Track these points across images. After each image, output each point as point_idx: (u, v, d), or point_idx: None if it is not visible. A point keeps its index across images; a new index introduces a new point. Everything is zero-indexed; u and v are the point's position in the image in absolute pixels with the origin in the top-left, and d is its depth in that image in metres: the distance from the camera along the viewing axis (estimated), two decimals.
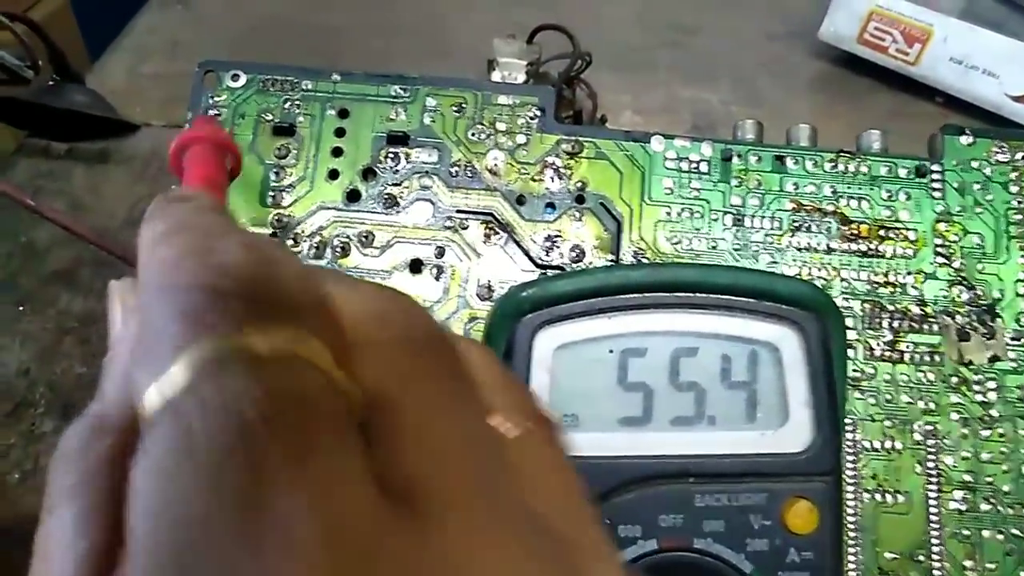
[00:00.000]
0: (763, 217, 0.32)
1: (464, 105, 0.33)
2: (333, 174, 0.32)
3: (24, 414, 0.38)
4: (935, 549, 0.29)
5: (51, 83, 0.47)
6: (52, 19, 0.46)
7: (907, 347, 0.31)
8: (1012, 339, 0.31)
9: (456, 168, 0.32)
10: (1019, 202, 0.32)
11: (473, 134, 0.32)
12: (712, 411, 0.24)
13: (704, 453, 0.23)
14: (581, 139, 0.32)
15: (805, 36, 0.57)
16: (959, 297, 0.31)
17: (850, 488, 0.29)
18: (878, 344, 0.31)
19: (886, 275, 0.31)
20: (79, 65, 0.50)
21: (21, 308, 0.42)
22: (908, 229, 0.32)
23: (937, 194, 0.32)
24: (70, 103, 0.47)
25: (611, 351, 0.24)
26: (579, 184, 0.32)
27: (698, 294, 0.24)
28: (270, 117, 0.32)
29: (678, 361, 0.24)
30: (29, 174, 0.48)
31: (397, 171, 0.32)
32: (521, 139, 0.32)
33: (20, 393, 0.39)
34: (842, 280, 0.31)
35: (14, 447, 0.38)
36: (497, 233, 0.31)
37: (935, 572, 0.29)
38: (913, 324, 0.31)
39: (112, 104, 0.49)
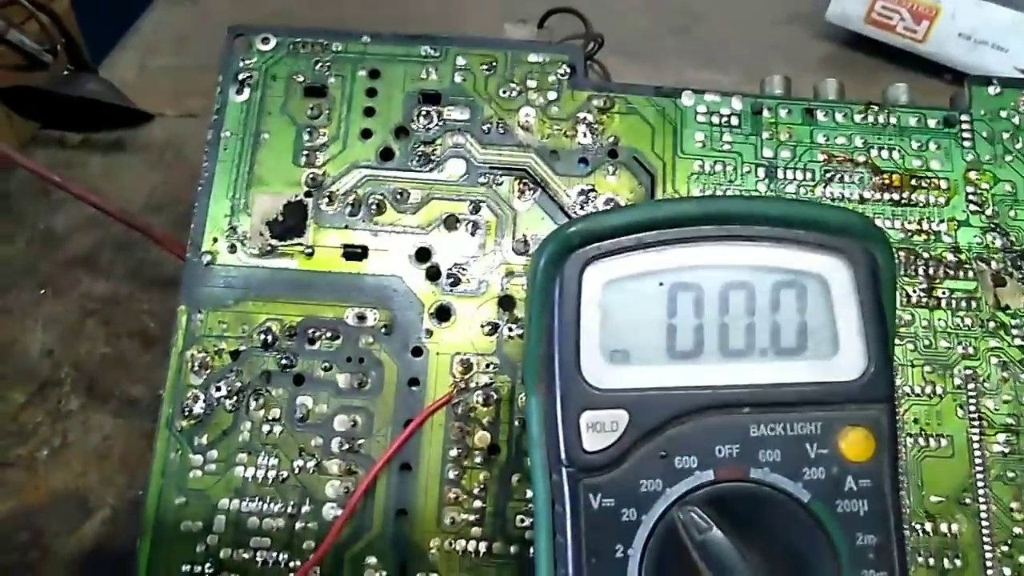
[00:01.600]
0: (795, 168, 0.32)
1: (495, 63, 0.33)
2: (366, 133, 0.32)
3: (50, 393, 0.38)
4: (981, 492, 0.29)
5: (66, 72, 0.47)
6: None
7: (943, 293, 0.31)
8: None
9: (488, 125, 0.32)
10: None
11: (504, 91, 0.32)
12: (763, 343, 0.23)
13: (757, 383, 0.23)
14: (612, 95, 0.32)
15: (812, 18, 0.58)
16: (993, 243, 0.31)
17: None
18: (914, 291, 0.31)
19: (919, 223, 0.31)
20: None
21: (43, 292, 0.42)
22: (940, 178, 0.32)
23: (967, 143, 0.32)
24: (86, 91, 0.47)
25: (661, 284, 0.23)
26: (611, 139, 0.32)
27: (748, 226, 0.24)
28: (301, 78, 0.32)
29: (728, 293, 0.24)
30: (45, 164, 0.47)
31: (430, 129, 0.32)
32: (552, 95, 0.32)
33: (45, 373, 0.39)
34: None
35: (41, 425, 0.37)
36: (531, 188, 0.31)
37: (982, 514, 0.29)
38: (948, 270, 0.31)
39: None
